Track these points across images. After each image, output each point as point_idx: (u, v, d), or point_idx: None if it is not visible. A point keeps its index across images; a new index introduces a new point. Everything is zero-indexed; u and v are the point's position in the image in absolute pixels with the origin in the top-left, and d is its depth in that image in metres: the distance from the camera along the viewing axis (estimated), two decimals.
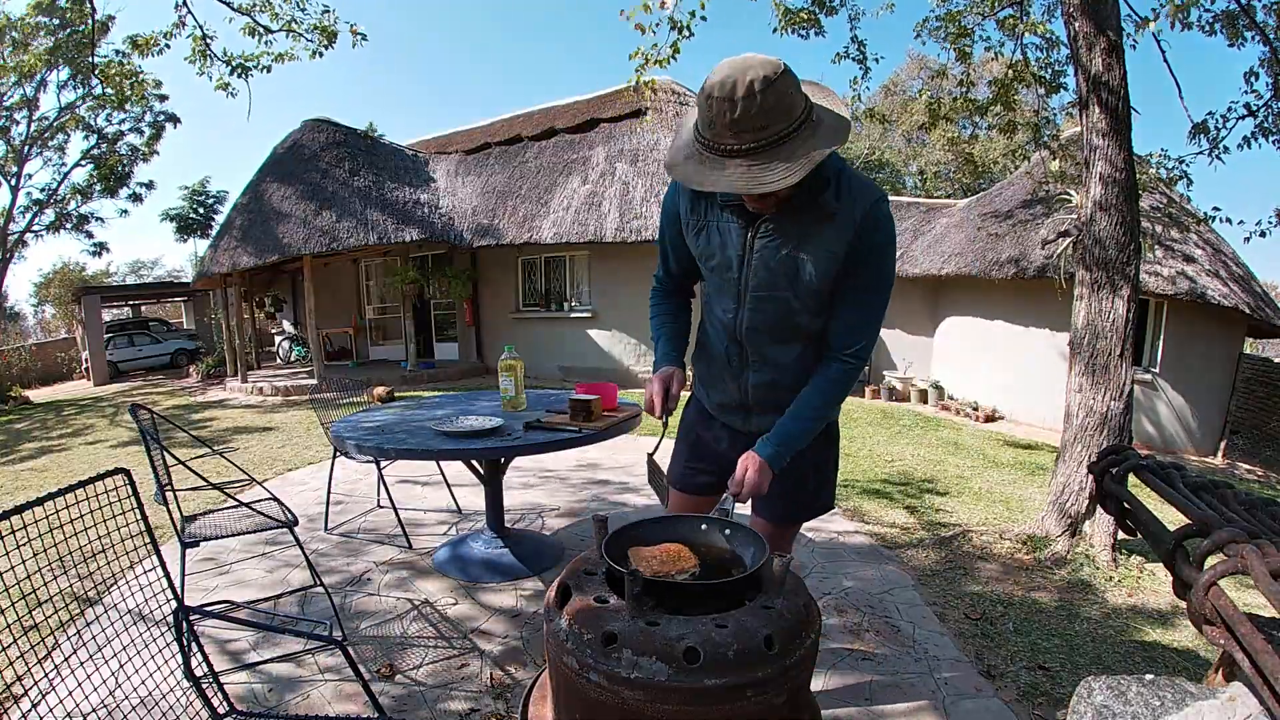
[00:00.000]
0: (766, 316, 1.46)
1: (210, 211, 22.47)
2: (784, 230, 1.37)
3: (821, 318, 1.46)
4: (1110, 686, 0.76)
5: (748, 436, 1.54)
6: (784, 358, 1.51)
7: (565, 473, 5.00)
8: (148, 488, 2.31)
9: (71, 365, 17.79)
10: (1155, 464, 1.16)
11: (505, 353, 3.06)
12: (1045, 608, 2.89)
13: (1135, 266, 3.55)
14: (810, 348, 1.50)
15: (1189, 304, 8.07)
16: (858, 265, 1.37)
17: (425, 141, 15.32)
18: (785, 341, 1.49)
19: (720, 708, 0.98)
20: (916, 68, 20.95)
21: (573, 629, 1.07)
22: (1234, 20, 5.37)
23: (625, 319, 10.67)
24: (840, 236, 1.34)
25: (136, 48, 6.44)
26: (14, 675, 1.70)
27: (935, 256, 10.43)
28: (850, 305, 1.43)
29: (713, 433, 1.71)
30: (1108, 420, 3.51)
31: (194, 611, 1.57)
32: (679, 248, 1.61)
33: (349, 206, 10.57)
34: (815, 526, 3.87)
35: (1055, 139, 6.68)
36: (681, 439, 1.80)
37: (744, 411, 1.62)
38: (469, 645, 2.51)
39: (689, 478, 1.76)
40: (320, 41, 6.74)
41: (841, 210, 1.33)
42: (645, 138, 10.92)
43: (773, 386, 1.53)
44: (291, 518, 2.65)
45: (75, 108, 15.05)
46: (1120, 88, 3.51)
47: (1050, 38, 5.81)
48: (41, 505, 1.30)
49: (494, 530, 3.32)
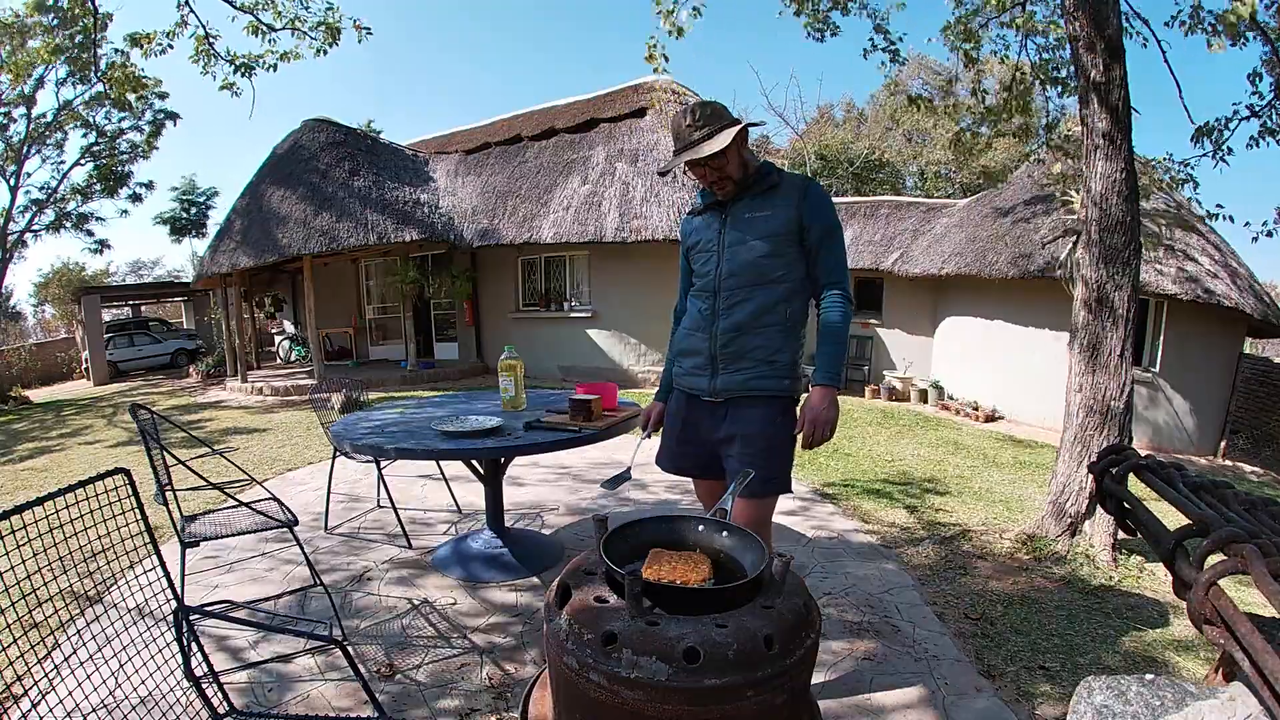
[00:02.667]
0: (739, 264, 1.96)
1: (202, 211, 22.42)
2: (747, 206, 1.98)
3: (780, 265, 1.94)
4: (1110, 686, 0.76)
5: (715, 409, 2.01)
6: (749, 303, 1.95)
7: (565, 472, 5.00)
8: (148, 488, 2.31)
9: (71, 365, 17.78)
10: (1155, 464, 1.16)
11: (505, 353, 3.06)
12: (1045, 608, 2.89)
13: (1135, 266, 3.55)
14: (769, 294, 1.95)
15: (1189, 304, 8.07)
16: (812, 221, 1.93)
17: (425, 141, 15.32)
18: (752, 286, 1.95)
19: (720, 708, 0.98)
20: (917, 68, 20.94)
21: (573, 629, 1.07)
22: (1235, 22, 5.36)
23: (625, 319, 10.66)
24: (787, 199, 1.94)
25: (136, 44, 6.43)
26: (14, 675, 1.70)
27: (935, 256, 10.42)
28: (822, 253, 1.95)
29: (693, 415, 2.08)
30: (1108, 420, 3.51)
31: (194, 611, 1.57)
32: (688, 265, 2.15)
33: (349, 206, 10.56)
34: (815, 526, 3.87)
35: (1065, 140, 6.66)
36: (668, 426, 2.19)
37: (710, 368, 2.00)
38: (469, 645, 2.51)
39: (678, 458, 2.15)
40: (325, 39, 6.74)
41: (784, 181, 1.98)
42: (645, 137, 10.92)
43: (738, 330, 1.96)
44: (291, 517, 2.65)
45: (73, 106, 15.04)
46: (1121, 88, 3.51)
47: (1061, 38, 5.80)
48: (41, 505, 1.30)
49: (494, 530, 3.32)
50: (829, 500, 4.46)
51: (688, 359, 2.07)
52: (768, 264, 1.94)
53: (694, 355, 2.05)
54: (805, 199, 1.93)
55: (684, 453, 2.13)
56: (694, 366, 2.05)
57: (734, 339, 1.96)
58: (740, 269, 1.96)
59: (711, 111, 1.91)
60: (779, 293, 1.95)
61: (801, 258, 1.96)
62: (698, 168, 1.92)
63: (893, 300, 11.71)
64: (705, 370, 2.01)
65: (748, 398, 1.96)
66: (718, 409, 2.01)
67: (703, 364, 2.02)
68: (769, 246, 1.93)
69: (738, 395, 1.97)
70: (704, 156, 1.86)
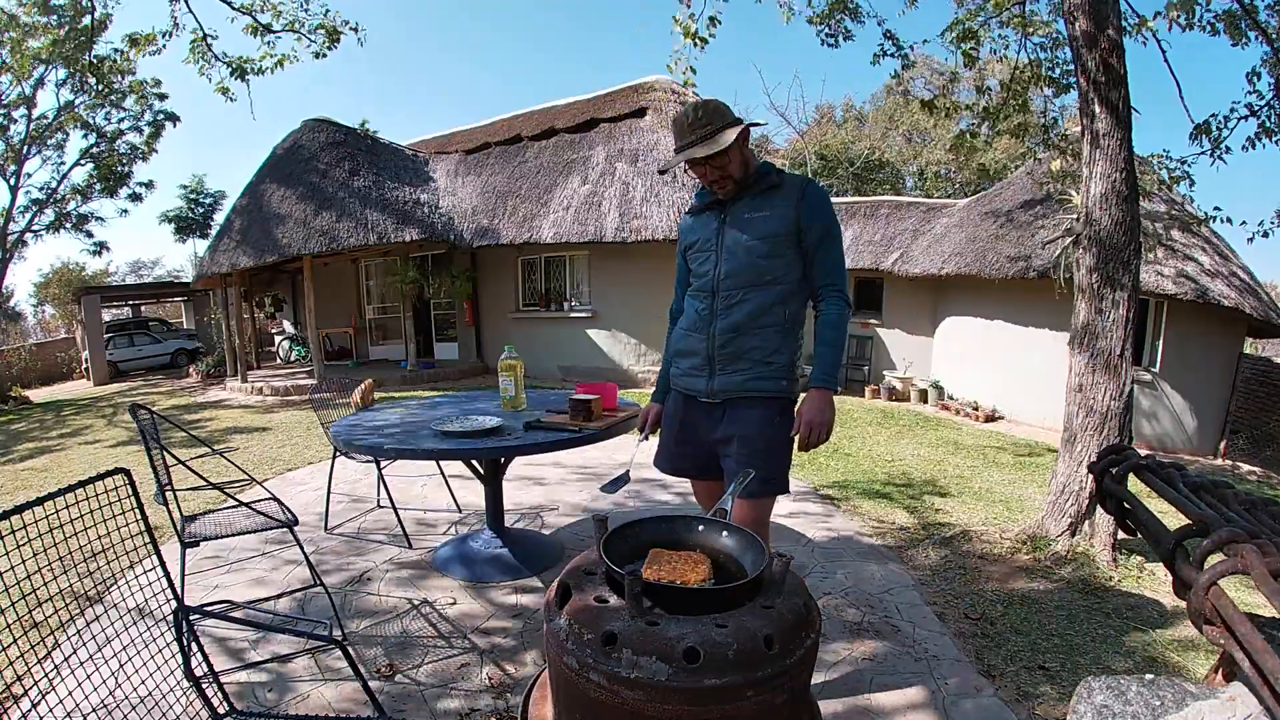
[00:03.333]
0: (738, 264, 1.96)
1: (209, 211, 22.42)
2: (746, 206, 1.97)
3: (778, 265, 1.94)
4: (1110, 686, 0.76)
5: (713, 409, 2.01)
6: (747, 304, 1.96)
7: (565, 472, 5.00)
8: (148, 488, 2.31)
9: (71, 365, 17.77)
10: (1155, 464, 1.16)
11: (505, 353, 3.06)
12: (1045, 608, 2.89)
13: (1135, 266, 3.55)
14: (767, 295, 1.95)
15: (1189, 304, 8.06)
16: (811, 222, 1.93)
17: (425, 141, 15.31)
18: (750, 287, 1.95)
19: (720, 708, 0.98)
20: (921, 68, 20.92)
21: (573, 629, 1.07)
22: (1235, 21, 5.37)
23: (625, 319, 10.66)
24: (786, 200, 1.94)
25: (134, 45, 6.44)
26: (14, 675, 1.70)
27: (935, 256, 10.42)
28: (820, 255, 1.95)
29: (690, 416, 2.09)
30: (1108, 420, 3.51)
31: (194, 611, 1.57)
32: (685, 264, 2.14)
33: (349, 206, 10.56)
34: (815, 526, 3.87)
35: (1063, 139, 6.67)
36: (666, 427, 2.19)
37: (708, 369, 2.01)
38: (469, 645, 2.51)
39: (676, 459, 2.15)
40: (324, 42, 6.75)
41: (785, 182, 1.97)
42: (645, 137, 10.92)
43: (736, 331, 1.96)
44: (291, 517, 2.65)
45: (74, 106, 15.02)
46: (1121, 87, 3.51)
47: (1058, 37, 5.80)
48: (42, 505, 1.30)
49: (494, 530, 3.32)
50: (829, 500, 4.46)
51: (685, 359, 2.08)
52: (766, 265, 1.94)
53: (691, 356, 2.05)
54: (804, 200, 1.93)
55: (682, 453, 2.13)
56: (691, 367, 2.05)
57: (732, 340, 1.96)
58: (738, 270, 1.96)
59: (713, 109, 1.91)
60: (777, 294, 1.95)
61: (799, 259, 1.96)
62: (698, 166, 1.93)
63: (893, 300, 11.70)
64: (703, 371, 2.02)
65: (745, 399, 1.96)
66: (715, 409, 2.02)
67: (700, 365, 2.02)
68: (767, 247, 1.93)
69: (735, 396, 1.97)
70: (704, 155, 1.87)
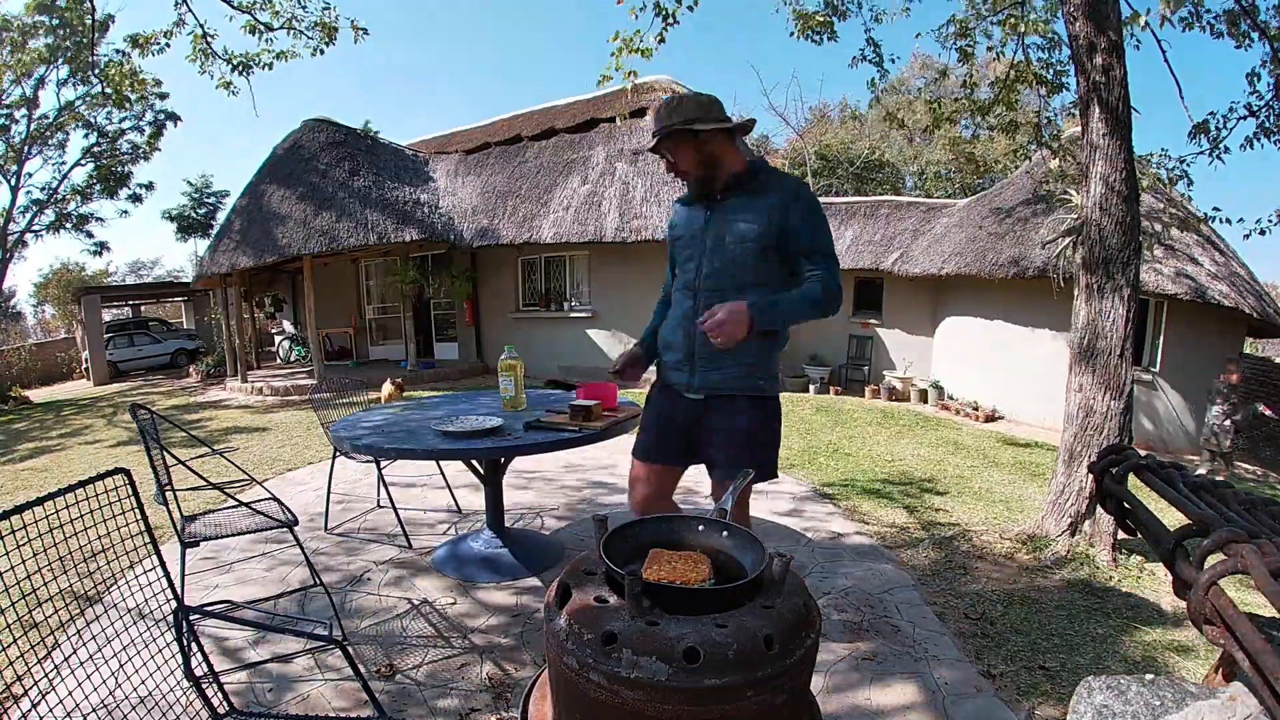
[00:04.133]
0: (720, 265, 1.97)
1: (212, 211, 22.43)
2: (734, 205, 1.98)
3: (761, 270, 1.94)
4: (1110, 686, 0.76)
5: (694, 404, 2.04)
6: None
7: (565, 472, 4.99)
8: (148, 488, 2.31)
9: (71, 365, 17.78)
10: (1155, 464, 1.16)
11: (505, 353, 3.06)
12: (1045, 608, 2.89)
13: (1135, 266, 3.55)
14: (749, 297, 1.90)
15: (1189, 304, 8.06)
16: (798, 224, 1.91)
17: (425, 141, 15.32)
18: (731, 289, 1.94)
19: (720, 708, 0.98)
20: (920, 66, 20.94)
21: (573, 629, 1.07)
22: (1236, 21, 5.37)
23: (625, 319, 10.66)
24: (773, 202, 1.92)
25: (137, 46, 6.45)
26: (14, 675, 1.70)
27: (935, 256, 10.42)
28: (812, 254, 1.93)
29: (672, 406, 2.11)
30: (1108, 420, 3.51)
31: (194, 611, 1.57)
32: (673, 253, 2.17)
33: (349, 206, 10.56)
34: (815, 526, 3.87)
35: (1056, 139, 6.69)
36: (648, 415, 2.21)
37: (689, 365, 2.03)
38: (469, 645, 2.51)
39: (656, 451, 2.15)
40: (321, 39, 6.76)
41: (772, 180, 1.97)
42: (645, 137, 10.91)
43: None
44: (291, 517, 2.65)
45: (75, 106, 15.04)
46: (1120, 88, 3.51)
47: (1052, 37, 5.82)
48: (41, 505, 1.30)
49: (494, 530, 3.32)
50: (829, 500, 4.46)
51: (670, 353, 2.12)
52: (748, 267, 1.95)
53: (675, 351, 2.09)
54: (794, 202, 1.93)
55: (662, 442, 2.15)
56: (675, 362, 2.09)
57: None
58: (720, 269, 1.98)
59: (678, 104, 1.95)
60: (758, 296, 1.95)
61: (784, 261, 1.97)
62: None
63: (893, 300, 11.70)
64: (685, 366, 2.06)
65: (727, 396, 2.00)
66: (697, 404, 2.05)
67: (682, 360, 2.06)
68: (750, 249, 1.94)
69: (716, 393, 2.01)
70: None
